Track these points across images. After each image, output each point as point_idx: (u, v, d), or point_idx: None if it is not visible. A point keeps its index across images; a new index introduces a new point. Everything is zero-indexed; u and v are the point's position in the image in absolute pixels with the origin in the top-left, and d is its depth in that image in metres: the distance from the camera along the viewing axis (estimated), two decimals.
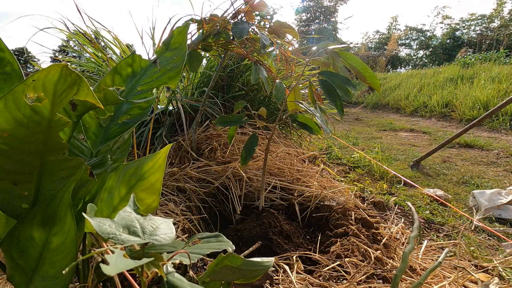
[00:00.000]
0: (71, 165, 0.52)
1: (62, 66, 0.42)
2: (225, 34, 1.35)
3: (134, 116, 0.69)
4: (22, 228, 0.51)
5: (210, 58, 2.12)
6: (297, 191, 1.46)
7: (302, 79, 1.91)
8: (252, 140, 1.18)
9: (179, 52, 0.73)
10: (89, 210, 0.52)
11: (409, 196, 1.94)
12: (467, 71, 7.32)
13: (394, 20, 22.67)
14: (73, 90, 0.45)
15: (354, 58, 1.08)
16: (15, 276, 0.51)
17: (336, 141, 3.62)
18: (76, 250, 0.53)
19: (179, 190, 1.41)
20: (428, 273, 0.81)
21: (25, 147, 0.47)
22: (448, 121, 5.54)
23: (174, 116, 1.90)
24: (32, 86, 0.42)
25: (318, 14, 23.12)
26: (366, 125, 5.55)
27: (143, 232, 0.44)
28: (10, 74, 0.57)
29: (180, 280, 0.42)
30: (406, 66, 20.33)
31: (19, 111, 0.44)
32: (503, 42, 12.56)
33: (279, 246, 1.08)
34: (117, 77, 0.70)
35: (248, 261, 0.51)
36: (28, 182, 0.51)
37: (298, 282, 0.87)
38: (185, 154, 1.70)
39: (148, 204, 0.69)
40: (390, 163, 2.73)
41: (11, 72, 0.57)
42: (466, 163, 2.76)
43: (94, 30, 1.85)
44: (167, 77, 0.70)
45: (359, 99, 9.76)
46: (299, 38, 1.45)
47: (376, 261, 0.99)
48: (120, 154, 0.76)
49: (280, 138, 2.08)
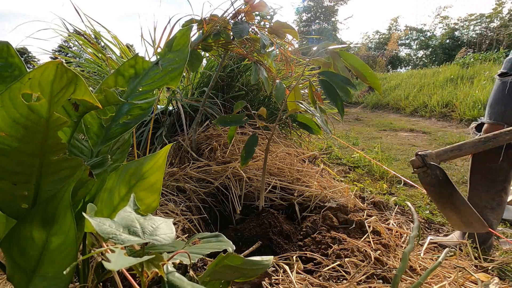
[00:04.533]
0: (70, 165, 0.52)
1: (57, 63, 0.42)
2: (225, 34, 1.35)
3: (135, 117, 0.69)
4: (22, 228, 0.51)
5: (210, 58, 2.12)
6: (297, 191, 1.46)
7: (302, 79, 1.91)
8: (252, 140, 1.18)
9: (181, 54, 0.74)
10: (89, 210, 0.52)
11: (409, 196, 1.94)
12: (467, 71, 7.32)
13: (394, 21, 22.68)
14: (70, 89, 0.45)
15: (354, 58, 1.08)
16: (15, 276, 0.51)
17: (336, 141, 3.62)
18: (76, 250, 0.53)
19: (179, 190, 1.41)
20: (428, 273, 0.81)
21: (23, 147, 0.47)
22: (448, 121, 5.54)
23: (174, 116, 1.90)
24: (28, 84, 0.42)
25: (319, 14, 23.13)
26: (366, 125, 5.55)
27: (143, 232, 0.44)
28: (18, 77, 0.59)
29: (181, 279, 0.42)
30: (406, 66, 20.33)
31: (16, 110, 0.44)
32: (503, 42, 12.56)
33: (279, 246, 1.08)
34: (120, 78, 0.71)
35: (247, 260, 0.51)
36: (27, 182, 0.51)
37: (298, 282, 0.87)
38: (185, 154, 1.70)
39: (148, 204, 0.69)
40: (390, 163, 2.73)
41: (19, 75, 0.59)
42: (466, 163, 2.76)
43: (93, 30, 1.85)
44: (168, 78, 0.70)
45: (359, 99, 9.76)
46: (299, 38, 1.45)
47: (376, 261, 0.99)
48: (120, 154, 0.76)
49: (280, 138, 2.08)
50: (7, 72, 0.58)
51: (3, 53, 0.58)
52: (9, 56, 0.59)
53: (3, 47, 0.58)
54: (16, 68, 0.59)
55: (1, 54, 0.58)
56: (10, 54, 0.59)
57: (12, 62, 0.59)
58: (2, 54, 0.58)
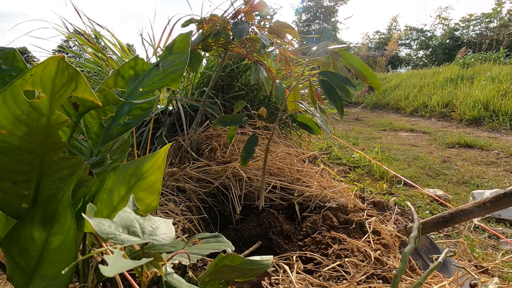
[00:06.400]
0: (71, 164, 0.52)
1: (59, 58, 0.42)
2: (225, 34, 1.35)
3: (136, 117, 0.69)
4: (22, 228, 0.51)
5: (210, 58, 2.12)
6: (297, 191, 1.46)
7: (302, 79, 1.91)
8: (252, 140, 1.18)
9: (181, 56, 0.74)
10: (88, 210, 0.52)
11: (409, 196, 1.94)
12: (467, 71, 7.31)
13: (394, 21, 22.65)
14: (71, 85, 0.45)
15: (354, 58, 1.08)
16: (15, 276, 0.51)
17: (336, 141, 3.62)
18: (76, 250, 0.53)
19: (179, 190, 1.41)
20: (428, 273, 0.81)
21: (24, 145, 0.47)
22: (448, 121, 5.54)
23: (174, 116, 1.90)
24: (30, 81, 0.42)
25: (318, 14, 23.10)
26: (366, 125, 5.55)
27: (142, 232, 0.44)
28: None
29: (179, 281, 0.42)
30: (406, 66, 20.30)
31: (18, 108, 0.44)
32: (503, 42, 12.54)
33: (279, 246, 1.08)
34: (119, 79, 0.71)
35: (247, 260, 0.51)
36: (28, 181, 0.51)
37: (298, 282, 0.87)
38: (185, 154, 1.70)
39: (147, 203, 0.69)
40: (390, 163, 2.73)
41: None
42: (466, 163, 2.76)
43: (93, 30, 1.85)
44: (169, 79, 0.70)
45: (359, 99, 9.75)
46: (299, 38, 1.45)
47: (376, 261, 0.99)
48: (120, 154, 0.76)
49: (280, 138, 2.07)
50: (12, 76, 0.60)
51: (9, 58, 0.61)
52: (14, 61, 0.61)
53: (9, 53, 0.61)
54: (20, 72, 0.61)
55: (7, 59, 0.61)
56: (16, 59, 0.61)
57: (17, 67, 0.61)
58: (8, 59, 0.61)
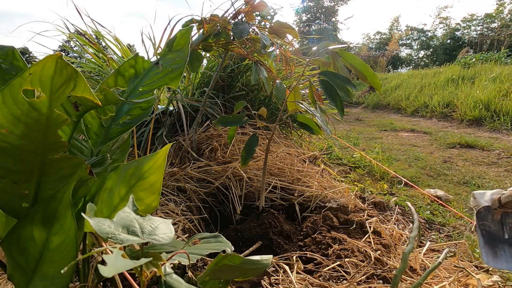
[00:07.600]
0: (71, 164, 0.52)
1: (57, 57, 0.42)
2: (225, 34, 1.35)
3: (135, 116, 0.69)
4: (22, 227, 0.51)
5: (210, 58, 2.12)
6: (297, 191, 1.46)
7: (302, 79, 1.91)
8: (252, 140, 1.18)
9: (181, 54, 0.74)
10: (88, 210, 0.52)
11: (409, 197, 1.94)
12: (468, 71, 7.29)
13: (395, 21, 22.64)
14: (70, 85, 0.45)
15: (354, 58, 1.08)
16: (15, 275, 0.51)
17: (336, 141, 3.61)
18: (76, 249, 0.53)
19: (179, 190, 1.41)
20: (428, 273, 0.81)
21: (24, 145, 0.47)
22: (449, 121, 5.53)
23: (174, 116, 1.90)
24: (29, 80, 0.42)
25: (319, 15, 23.10)
26: (367, 125, 5.55)
27: (142, 232, 0.44)
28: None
29: (178, 281, 0.42)
30: (407, 66, 20.28)
31: (17, 107, 0.44)
32: (504, 42, 12.51)
33: (279, 246, 1.08)
34: (120, 78, 0.71)
35: (247, 259, 0.51)
36: (28, 181, 0.52)
37: (298, 282, 0.87)
38: (185, 154, 1.70)
39: (148, 203, 0.69)
40: (390, 164, 2.73)
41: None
42: (467, 164, 2.75)
43: (94, 30, 1.86)
44: (168, 78, 0.70)
45: (360, 99, 9.74)
46: (299, 38, 1.45)
47: (376, 261, 0.99)
48: (120, 154, 0.76)
49: (280, 138, 2.07)
50: (11, 74, 0.60)
51: (9, 57, 0.60)
52: (14, 60, 0.61)
53: (8, 51, 0.60)
54: (20, 71, 0.61)
55: (7, 58, 0.60)
56: (15, 58, 0.61)
57: (16, 65, 0.61)
58: (8, 58, 0.60)
